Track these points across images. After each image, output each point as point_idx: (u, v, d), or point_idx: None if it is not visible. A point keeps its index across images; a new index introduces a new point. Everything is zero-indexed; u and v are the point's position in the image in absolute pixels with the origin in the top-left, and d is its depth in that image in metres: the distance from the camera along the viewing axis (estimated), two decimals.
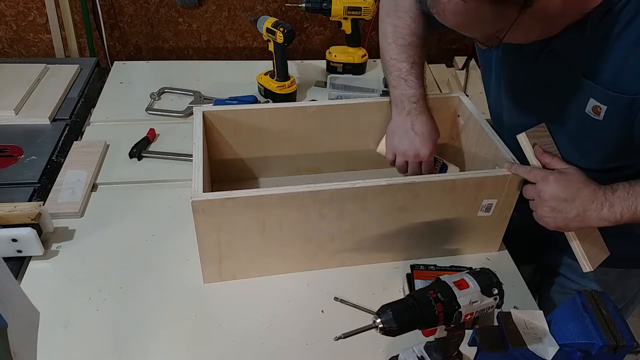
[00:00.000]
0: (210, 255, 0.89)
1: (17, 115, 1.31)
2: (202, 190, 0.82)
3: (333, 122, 1.09)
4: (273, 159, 1.13)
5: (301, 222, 0.87)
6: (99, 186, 1.14)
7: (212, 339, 0.84)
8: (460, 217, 0.94)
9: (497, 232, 0.99)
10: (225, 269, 0.91)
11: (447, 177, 0.90)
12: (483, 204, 0.93)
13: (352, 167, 1.17)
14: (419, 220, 0.93)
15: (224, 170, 1.11)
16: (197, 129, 0.96)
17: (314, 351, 0.83)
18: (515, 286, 0.96)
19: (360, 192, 0.86)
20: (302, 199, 0.84)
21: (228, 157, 1.09)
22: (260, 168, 1.15)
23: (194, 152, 0.90)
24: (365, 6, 1.49)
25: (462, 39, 2.16)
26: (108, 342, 0.83)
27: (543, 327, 0.66)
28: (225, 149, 1.08)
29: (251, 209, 0.84)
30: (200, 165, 0.87)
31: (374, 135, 1.11)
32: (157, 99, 1.45)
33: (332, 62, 1.60)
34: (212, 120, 1.02)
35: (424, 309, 0.64)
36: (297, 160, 1.15)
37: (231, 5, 1.85)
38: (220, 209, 0.82)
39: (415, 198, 0.89)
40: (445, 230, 0.96)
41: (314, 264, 0.95)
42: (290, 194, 0.83)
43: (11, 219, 0.93)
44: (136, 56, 1.94)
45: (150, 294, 0.91)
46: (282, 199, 0.83)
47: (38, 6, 1.76)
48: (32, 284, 0.91)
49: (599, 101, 0.74)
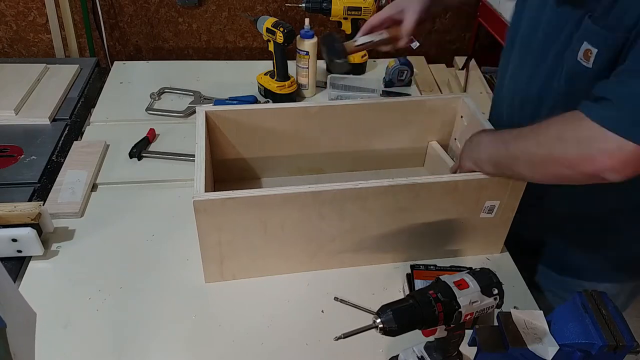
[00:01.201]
0: (211, 255, 0.89)
1: (17, 115, 1.31)
2: (204, 190, 0.82)
3: (335, 123, 1.09)
4: (275, 159, 1.13)
5: (302, 222, 0.87)
6: (99, 186, 1.14)
7: (212, 339, 0.84)
8: (462, 219, 0.94)
9: (499, 233, 0.99)
10: (227, 269, 0.91)
11: (449, 179, 0.89)
12: (485, 206, 0.92)
13: (355, 167, 1.18)
14: (420, 221, 0.93)
15: (226, 170, 1.11)
16: (200, 128, 0.96)
17: (314, 351, 0.83)
18: (515, 286, 0.96)
19: (361, 192, 0.86)
20: (303, 199, 0.84)
21: (230, 157, 1.09)
22: (262, 168, 1.15)
23: (196, 152, 0.90)
24: (365, 6, 1.49)
25: (462, 39, 2.16)
26: (108, 342, 0.83)
27: (543, 327, 0.66)
28: (228, 148, 1.08)
29: (252, 209, 0.84)
30: (202, 165, 0.87)
31: (376, 136, 1.11)
32: (157, 99, 1.45)
33: None
34: (215, 120, 1.02)
35: (424, 309, 0.64)
36: (299, 161, 1.15)
37: (231, 5, 1.85)
38: (222, 208, 0.82)
39: (417, 199, 0.89)
40: (446, 231, 0.96)
41: (314, 264, 0.95)
42: (292, 194, 0.83)
43: (11, 219, 0.93)
44: (136, 56, 1.94)
45: (150, 294, 0.91)
46: (283, 199, 0.83)
47: (38, 6, 1.76)
48: (32, 284, 0.91)
49: (591, 44, 0.74)
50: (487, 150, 0.87)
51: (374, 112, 1.09)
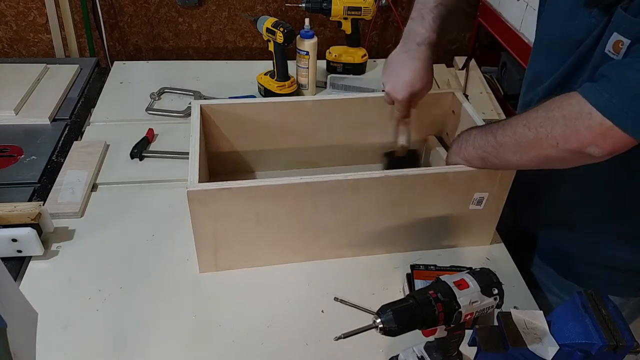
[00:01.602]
0: (206, 245, 0.90)
1: (17, 115, 1.31)
2: (197, 181, 0.84)
3: (330, 117, 1.10)
4: (270, 152, 1.14)
5: (295, 213, 0.89)
6: (99, 186, 1.14)
7: (212, 339, 0.84)
8: (452, 210, 0.96)
9: (489, 225, 1.01)
10: (221, 258, 0.93)
11: (439, 170, 0.91)
12: (475, 198, 0.94)
13: (350, 161, 1.18)
14: (412, 212, 0.94)
15: (222, 164, 1.13)
16: (195, 121, 0.98)
17: (314, 351, 0.83)
18: (515, 286, 0.96)
19: (353, 184, 0.87)
20: (295, 191, 0.86)
21: (225, 150, 1.11)
22: (257, 162, 1.16)
23: (190, 144, 0.91)
24: (365, 6, 1.49)
25: (462, 39, 2.16)
26: (108, 342, 0.83)
27: (543, 327, 0.66)
28: (223, 142, 1.09)
29: (246, 199, 0.85)
30: (196, 156, 0.88)
31: (371, 130, 1.12)
32: (157, 99, 1.45)
33: (332, 62, 1.60)
34: (210, 114, 1.04)
35: (424, 309, 0.64)
36: (295, 154, 1.16)
37: (231, 5, 1.85)
38: (216, 199, 0.83)
39: (409, 190, 0.90)
40: (438, 222, 0.98)
41: (308, 255, 0.97)
42: (284, 185, 0.85)
43: (11, 219, 0.93)
44: (136, 56, 1.94)
45: (150, 294, 0.91)
46: (275, 190, 0.85)
47: (38, 6, 1.76)
48: (32, 284, 0.91)
49: (623, 34, 0.72)
50: (476, 142, 0.87)
51: (369, 107, 1.10)
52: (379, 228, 0.96)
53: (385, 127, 1.11)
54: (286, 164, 1.17)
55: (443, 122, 1.16)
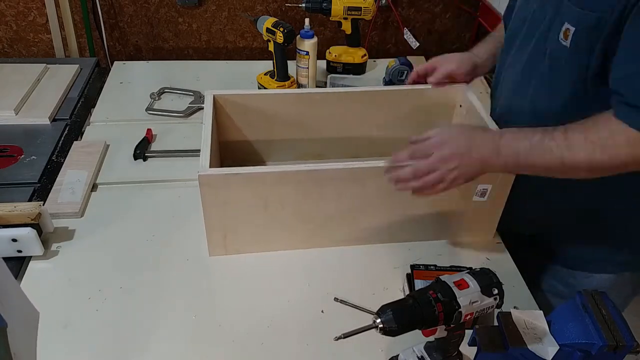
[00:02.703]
0: (215, 228, 0.93)
1: (17, 115, 1.31)
2: (208, 166, 0.87)
3: (338, 110, 1.12)
4: (279, 143, 1.17)
5: (301, 201, 0.91)
6: (99, 186, 1.14)
7: (212, 339, 0.84)
8: (456, 201, 0.96)
9: (492, 216, 1.01)
10: (230, 242, 0.95)
11: None
12: (478, 189, 0.95)
13: (357, 154, 1.19)
14: (416, 203, 0.94)
15: (232, 154, 1.15)
16: (207, 110, 1.01)
17: (314, 351, 0.83)
18: (515, 286, 0.96)
19: (358, 173, 0.89)
20: (301, 178, 0.88)
21: (236, 139, 1.14)
22: (267, 152, 1.19)
23: (203, 131, 0.95)
24: (365, 6, 1.49)
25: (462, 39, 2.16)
26: (108, 342, 0.83)
27: (543, 327, 0.66)
28: (234, 132, 1.12)
29: (253, 185, 0.88)
30: (208, 142, 0.92)
31: (379, 123, 1.14)
32: (157, 99, 1.45)
33: (332, 62, 1.60)
34: (222, 103, 1.07)
35: (424, 309, 0.64)
36: (303, 146, 1.18)
37: (231, 5, 1.85)
38: (225, 184, 0.87)
39: None
40: (441, 214, 0.98)
41: (313, 242, 0.99)
42: (290, 172, 0.88)
43: (11, 219, 0.93)
44: (136, 56, 1.94)
45: (150, 294, 0.91)
46: (281, 176, 0.88)
47: (38, 6, 1.76)
48: (32, 284, 0.91)
49: (570, 22, 0.78)
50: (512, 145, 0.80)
51: (378, 101, 1.12)
52: (383, 217, 0.97)
53: (393, 121, 1.12)
54: (295, 155, 1.19)
55: (450, 116, 1.17)
